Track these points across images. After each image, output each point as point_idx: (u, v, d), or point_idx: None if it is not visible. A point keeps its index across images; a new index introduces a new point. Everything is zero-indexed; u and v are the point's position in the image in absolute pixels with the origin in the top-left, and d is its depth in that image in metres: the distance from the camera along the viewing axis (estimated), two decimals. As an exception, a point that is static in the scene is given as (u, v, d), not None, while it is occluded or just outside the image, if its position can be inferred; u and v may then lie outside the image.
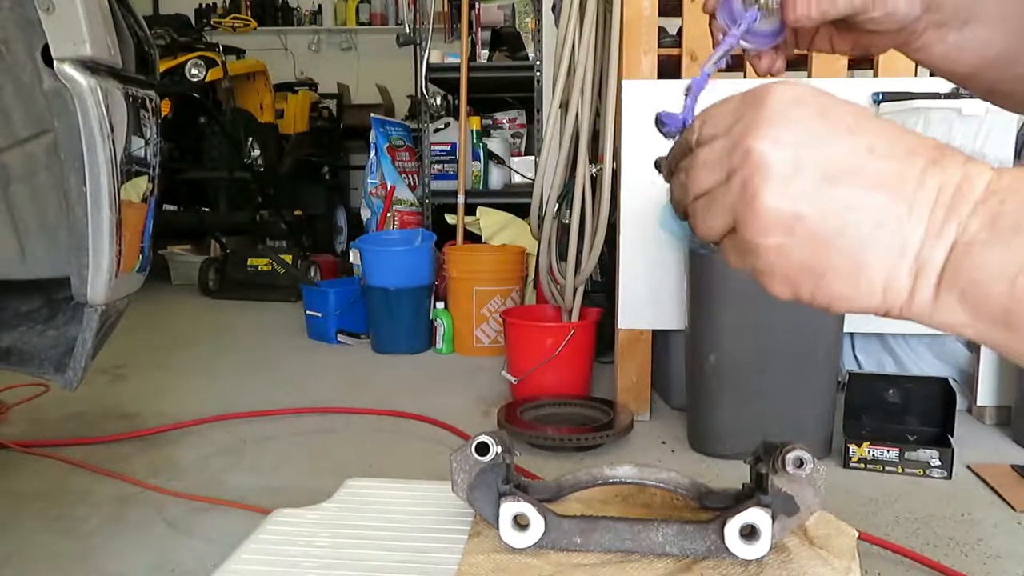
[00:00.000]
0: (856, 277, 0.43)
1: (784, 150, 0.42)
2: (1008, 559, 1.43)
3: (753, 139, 0.43)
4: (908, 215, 0.41)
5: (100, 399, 2.39)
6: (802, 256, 0.43)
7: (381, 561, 0.88)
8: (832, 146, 0.43)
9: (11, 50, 1.04)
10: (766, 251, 0.44)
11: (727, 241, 0.47)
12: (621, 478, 0.94)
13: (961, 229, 0.40)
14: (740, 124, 0.44)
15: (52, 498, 1.69)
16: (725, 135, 0.45)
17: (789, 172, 0.42)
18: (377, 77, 6.03)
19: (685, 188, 0.48)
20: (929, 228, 0.41)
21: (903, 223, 0.41)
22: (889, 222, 0.41)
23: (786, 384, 1.85)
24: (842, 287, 0.43)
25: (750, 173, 0.43)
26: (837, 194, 0.42)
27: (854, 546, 0.89)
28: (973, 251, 0.40)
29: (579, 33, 2.19)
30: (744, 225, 0.44)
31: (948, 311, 0.42)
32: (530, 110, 3.78)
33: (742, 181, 0.43)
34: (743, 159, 0.43)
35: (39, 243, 1.12)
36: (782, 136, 0.43)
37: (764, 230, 0.43)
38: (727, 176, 0.45)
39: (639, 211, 2.12)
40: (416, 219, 3.71)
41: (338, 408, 2.30)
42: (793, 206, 0.42)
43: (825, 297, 0.44)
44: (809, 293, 0.44)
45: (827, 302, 0.44)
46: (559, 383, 2.34)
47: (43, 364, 1.16)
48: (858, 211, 0.42)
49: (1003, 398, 2.12)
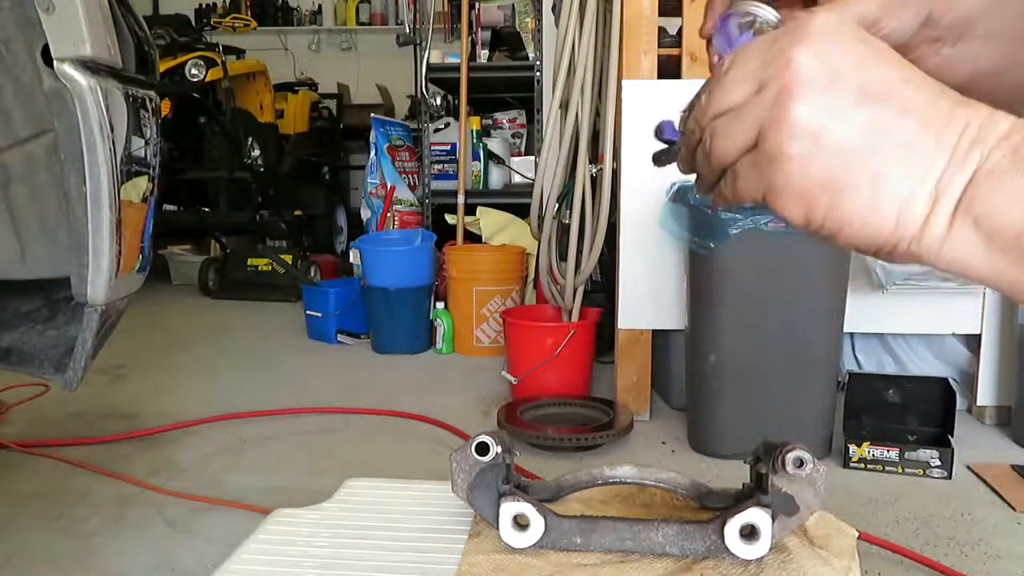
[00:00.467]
0: (874, 198, 0.42)
1: (824, 62, 0.43)
2: (1008, 559, 1.43)
3: (794, 50, 0.43)
4: (934, 143, 0.42)
5: (100, 399, 2.39)
6: (824, 169, 0.43)
7: (381, 561, 0.88)
8: (870, 70, 0.43)
9: (11, 50, 1.04)
10: (788, 160, 0.43)
11: (743, 162, 0.46)
12: (621, 478, 0.94)
13: (983, 159, 0.41)
14: (781, 40, 0.44)
15: (52, 498, 1.69)
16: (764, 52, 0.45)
17: (825, 84, 0.42)
18: (377, 77, 6.03)
19: (703, 107, 0.48)
20: (953, 157, 0.41)
21: (928, 149, 0.42)
22: (915, 147, 0.42)
23: (786, 384, 1.85)
24: (857, 208, 0.43)
25: (787, 81, 0.43)
26: (869, 113, 0.42)
27: (854, 546, 0.89)
28: (992, 179, 0.40)
29: (579, 33, 2.19)
30: (771, 132, 0.44)
31: (959, 242, 0.42)
32: (530, 110, 3.78)
33: (777, 89, 0.43)
34: (781, 68, 0.43)
35: (39, 243, 1.12)
36: (824, 51, 0.43)
37: (791, 137, 0.43)
38: (758, 88, 0.44)
39: (639, 211, 2.12)
40: (416, 219, 3.71)
41: (338, 408, 2.30)
42: (824, 116, 0.42)
43: (837, 219, 0.44)
44: (822, 213, 0.44)
45: (838, 225, 0.44)
46: (559, 383, 2.34)
47: (43, 364, 1.16)
48: (887, 132, 0.42)
49: (1003, 398, 2.12)
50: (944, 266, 0.43)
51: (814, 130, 0.42)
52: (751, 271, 1.82)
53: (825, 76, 0.43)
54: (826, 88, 0.42)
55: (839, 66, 0.43)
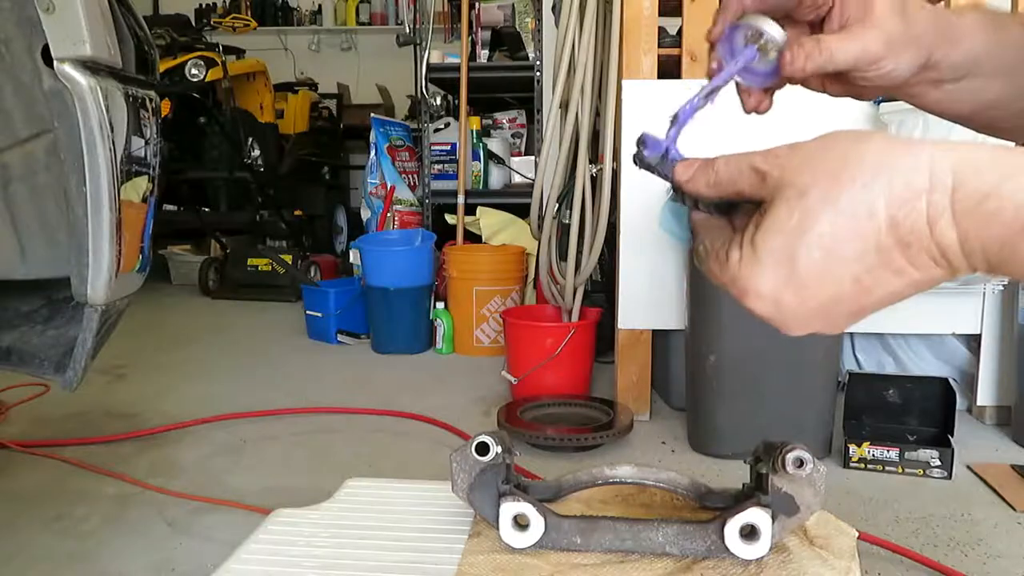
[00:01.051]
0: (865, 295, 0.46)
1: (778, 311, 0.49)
2: (1008, 559, 1.43)
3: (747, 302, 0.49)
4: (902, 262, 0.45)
5: (100, 399, 2.39)
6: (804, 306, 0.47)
7: (381, 561, 0.88)
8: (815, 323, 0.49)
9: (11, 50, 1.04)
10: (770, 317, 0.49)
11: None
12: (621, 478, 0.94)
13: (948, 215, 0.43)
14: (733, 288, 0.50)
15: (52, 498, 1.69)
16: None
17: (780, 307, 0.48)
18: (377, 77, 6.03)
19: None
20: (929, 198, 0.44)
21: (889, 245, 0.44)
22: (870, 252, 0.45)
23: (786, 384, 1.85)
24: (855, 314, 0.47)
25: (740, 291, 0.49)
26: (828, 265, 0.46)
27: (854, 546, 0.89)
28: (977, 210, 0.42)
29: (579, 33, 2.19)
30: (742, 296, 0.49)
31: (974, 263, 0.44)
32: (530, 110, 3.78)
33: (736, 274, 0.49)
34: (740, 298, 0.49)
35: (39, 243, 1.12)
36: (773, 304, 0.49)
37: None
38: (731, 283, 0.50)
39: (639, 211, 2.12)
40: (416, 219, 3.71)
41: (338, 408, 2.30)
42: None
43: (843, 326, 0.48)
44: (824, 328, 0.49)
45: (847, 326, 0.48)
46: (559, 383, 2.34)
47: (43, 364, 1.16)
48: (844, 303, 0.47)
49: (1003, 398, 2.12)
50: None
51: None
52: (751, 271, 1.82)
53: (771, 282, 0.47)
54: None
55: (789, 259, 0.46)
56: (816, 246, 0.44)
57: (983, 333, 2.12)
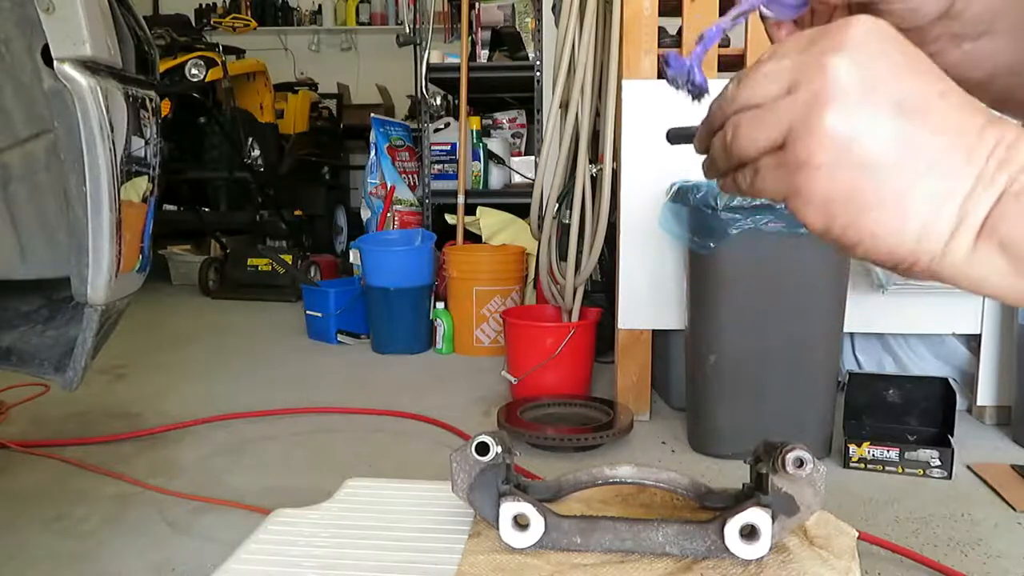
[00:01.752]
0: (898, 214, 0.42)
1: (861, 71, 0.42)
2: (1008, 559, 1.43)
3: (832, 57, 0.42)
4: (963, 163, 0.41)
5: (100, 399, 2.39)
6: (850, 182, 0.42)
7: (381, 561, 0.88)
8: (907, 82, 0.42)
9: (11, 50, 1.04)
10: (815, 170, 0.42)
11: (766, 161, 0.45)
12: (621, 478, 0.94)
13: (1011, 181, 0.40)
14: (818, 43, 0.43)
15: (52, 498, 1.69)
16: (800, 52, 0.44)
17: (861, 94, 0.42)
18: (377, 77, 6.03)
19: (731, 96, 0.47)
20: (981, 178, 0.41)
21: (956, 169, 0.41)
22: (944, 166, 0.41)
23: (786, 384, 1.85)
24: (880, 223, 0.42)
25: (822, 87, 0.42)
26: (902, 128, 0.42)
27: (854, 546, 0.89)
28: (1020, 201, 0.40)
29: (579, 33, 2.19)
30: (800, 138, 0.43)
31: (983, 263, 0.42)
32: (530, 110, 3.78)
33: (811, 93, 0.42)
34: (816, 73, 0.42)
35: (39, 243, 1.12)
36: (861, 60, 0.42)
37: (821, 146, 0.42)
38: (789, 88, 0.43)
39: (639, 211, 2.12)
40: (416, 219, 3.71)
41: (338, 408, 2.30)
42: (856, 128, 0.42)
43: (857, 232, 0.43)
44: (843, 225, 0.43)
45: (858, 239, 0.43)
46: (559, 383, 2.34)
47: (43, 364, 1.16)
48: (918, 149, 0.41)
49: (1003, 398, 2.12)
50: (965, 285, 0.43)
51: (845, 142, 0.42)
52: (751, 271, 1.82)
53: (861, 86, 0.42)
54: (861, 99, 0.42)
55: (876, 76, 0.42)
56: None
57: (983, 333, 2.12)
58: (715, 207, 1.76)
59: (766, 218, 1.75)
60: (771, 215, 1.75)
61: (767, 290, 1.83)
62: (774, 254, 1.80)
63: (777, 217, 1.75)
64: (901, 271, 0.44)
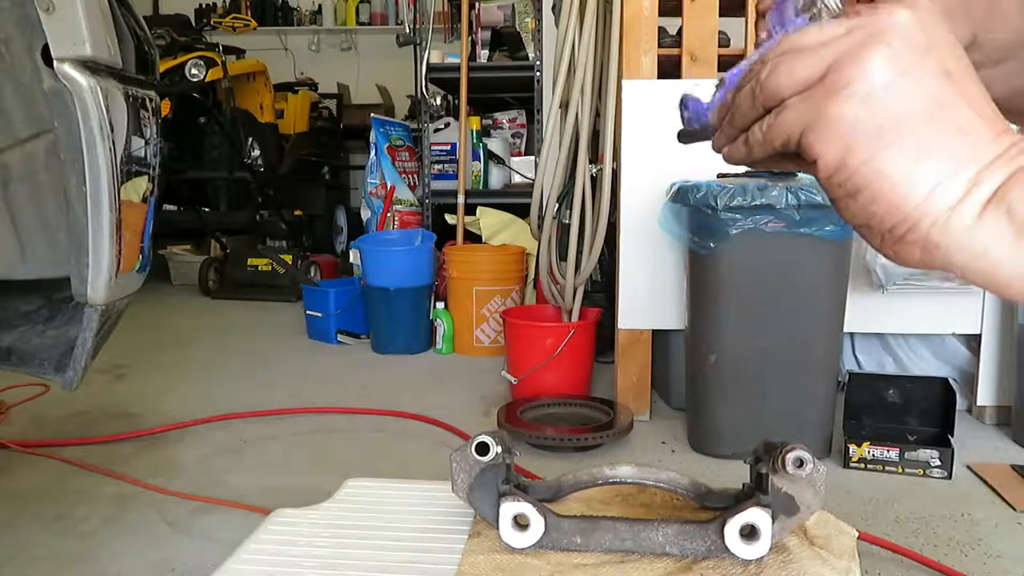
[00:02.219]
0: (916, 163, 0.42)
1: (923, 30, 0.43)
2: (1008, 559, 1.43)
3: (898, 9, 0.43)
4: (991, 139, 0.42)
5: (100, 399, 2.39)
6: (880, 117, 0.42)
7: (381, 561, 0.88)
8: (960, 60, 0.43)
9: (11, 50, 1.04)
10: (849, 97, 0.42)
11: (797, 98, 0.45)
12: (621, 478, 0.94)
13: None
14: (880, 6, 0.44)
15: (52, 498, 1.69)
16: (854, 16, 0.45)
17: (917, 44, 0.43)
18: (377, 77, 6.03)
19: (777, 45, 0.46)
20: (1000, 156, 0.42)
21: (982, 141, 0.42)
22: (972, 135, 0.42)
23: (786, 384, 1.85)
24: (896, 166, 0.42)
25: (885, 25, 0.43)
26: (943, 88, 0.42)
27: (854, 546, 0.89)
28: None
29: (579, 33, 2.19)
30: (843, 67, 0.43)
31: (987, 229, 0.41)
32: (530, 110, 3.78)
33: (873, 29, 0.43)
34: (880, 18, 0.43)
35: (39, 243, 1.12)
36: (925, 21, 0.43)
37: (864, 75, 0.42)
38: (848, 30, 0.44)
39: (639, 211, 2.12)
40: (416, 219, 3.71)
41: (338, 408, 2.30)
42: (904, 70, 0.42)
43: (871, 171, 0.43)
44: (860, 160, 0.43)
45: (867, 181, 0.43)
46: (559, 383, 2.34)
47: (43, 364, 1.16)
48: (952, 112, 0.42)
49: (1003, 398, 2.12)
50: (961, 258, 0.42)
51: (889, 79, 0.42)
52: (751, 271, 1.82)
53: (920, 38, 0.43)
54: (916, 48, 0.42)
55: (933, 41, 0.43)
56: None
57: (983, 333, 2.12)
58: (715, 207, 1.76)
59: (766, 218, 1.75)
60: (771, 215, 1.75)
61: (767, 290, 1.83)
62: (774, 254, 1.80)
63: (777, 217, 1.75)
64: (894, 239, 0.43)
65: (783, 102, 0.45)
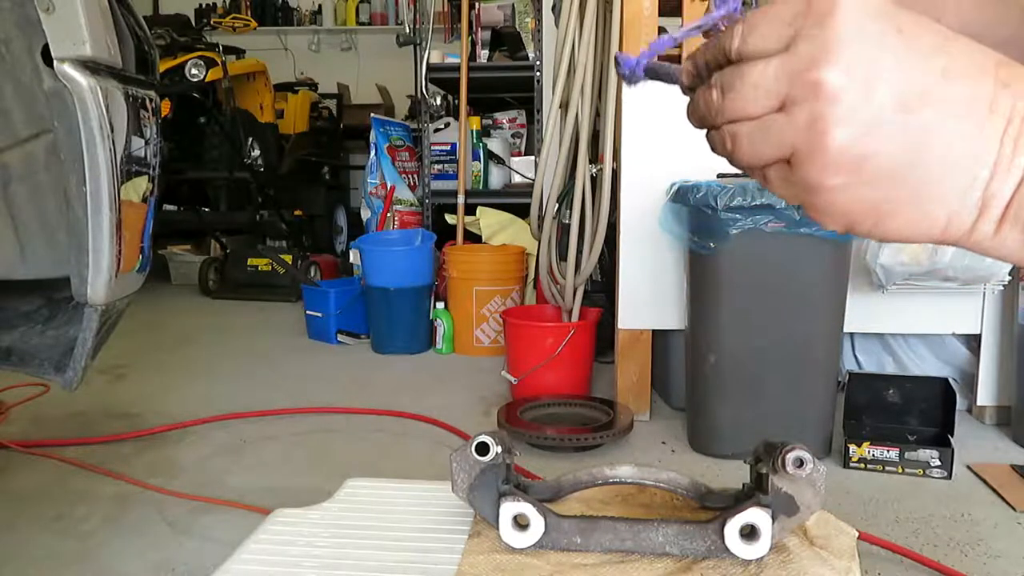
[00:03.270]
0: (921, 215, 0.41)
1: (856, 73, 0.39)
2: (1008, 559, 1.43)
3: (823, 69, 0.39)
4: (981, 149, 0.40)
5: (100, 399, 2.39)
6: (867, 195, 0.41)
7: (381, 561, 0.88)
8: (906, 69, 0.40)
9: (11, 50, 1.04)
10: (830, 191, 0.41)
11: (776, 171, 0.44)
12: (621, 478, 0.94)
13: None
14: (804, 44, 0.40)
15: (52, 498, 1.69)
16: (783, 54, 0.41)
17: (860, 97, 0.39)
18: (377, 77, 6.03)
19: (717, 107, 0.44)
20: (998, 163, 0.40)
21: (974, 156, 0.40)
22: (960, 155, 0.40)
23: (786, 384, 1.85)
24: (904, 222, 0.42)
25: (821, 109, 0.40)
26: (910, 125, 0.40)
27: (854, 546, 0.89)
28: None
29: (579, 33, 2.19)
30: (807, 162, 0.41)
31: (1008, 242, 0.42)
32: (530, 110, 3.78)
33: (810, 115, 0.40)
34: (811, 91, 0.40)
35: (39, 243, 1.12)
36: (853, 60, 0.39)
37: (830, 170, 0.41)
38: (784, 104, 0.41)
39: (639, 211, 2.12)
40: (416, 219, 3.71)
41: (338, 408, 2.30)
42: (864, 143, 0.40)
43: (883, 233, 0.43)
44: (867, 230, 0.43)
45: (883, 236, 0.43)
46: (559, 383, 2.34)
47: (43, 364, 1.17)
48: (930, 144, 0.40)
49: (1003, 398, 2.12)
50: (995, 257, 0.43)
51: (855, 161, 0.40)
52: (751, 271, 1.82)
53: (859, 88, 0.39)
54: (861, 102, 0.39)
55: (873, 74, 0.39)
56: None
57: (983, 333, 2.12)
58: (715, 207, 1.76)
59: (766, 218, 1.75)
60: (771, 215, 1.75)
61: (767, 290, 1.83)
62: (774, 254, 1.80)
63: (777, 217, 1.75)
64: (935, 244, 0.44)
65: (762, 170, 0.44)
